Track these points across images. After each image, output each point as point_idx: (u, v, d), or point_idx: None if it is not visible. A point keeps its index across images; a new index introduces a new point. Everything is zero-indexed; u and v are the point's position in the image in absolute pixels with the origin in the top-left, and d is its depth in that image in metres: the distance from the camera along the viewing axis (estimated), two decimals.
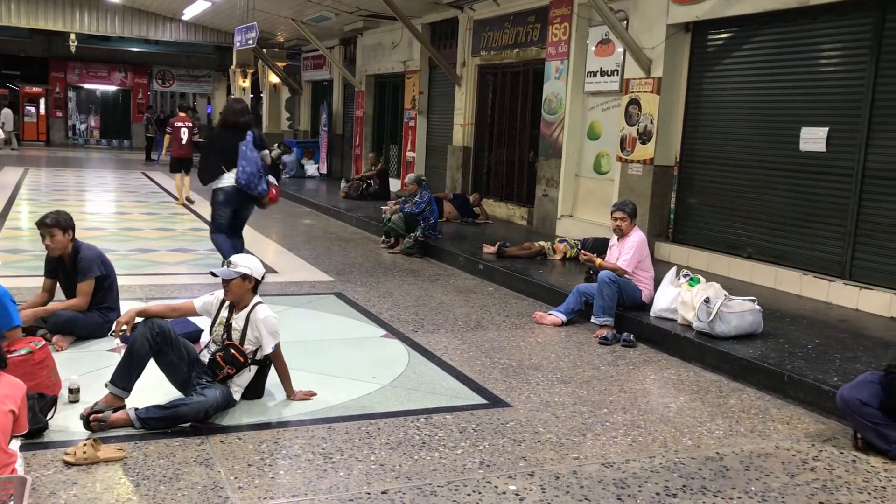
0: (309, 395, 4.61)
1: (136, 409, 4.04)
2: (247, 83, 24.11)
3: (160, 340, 4.23)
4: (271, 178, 7.61)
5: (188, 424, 4.08)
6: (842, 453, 4.24)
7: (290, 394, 4.58)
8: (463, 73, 13.63)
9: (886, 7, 6.91)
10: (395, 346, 5.89)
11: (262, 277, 4.57)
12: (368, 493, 3.50)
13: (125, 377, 4.17)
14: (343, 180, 16.04)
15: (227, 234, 7.61)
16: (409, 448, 4.01)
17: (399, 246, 9.96)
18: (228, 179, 7.44)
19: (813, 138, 7.52)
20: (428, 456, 3.93)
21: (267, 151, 7.64)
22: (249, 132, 7.44)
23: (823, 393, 4.82)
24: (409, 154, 15.91)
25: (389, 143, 17.85)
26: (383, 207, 11.15)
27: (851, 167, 7.20)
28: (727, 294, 5.99)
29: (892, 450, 4.11)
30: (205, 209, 12.80)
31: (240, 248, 7.57)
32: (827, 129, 7.40)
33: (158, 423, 4.02)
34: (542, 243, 9.21)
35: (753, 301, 6.00)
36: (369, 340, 6.05)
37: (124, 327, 4.36)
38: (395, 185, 15.71)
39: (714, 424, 4.59)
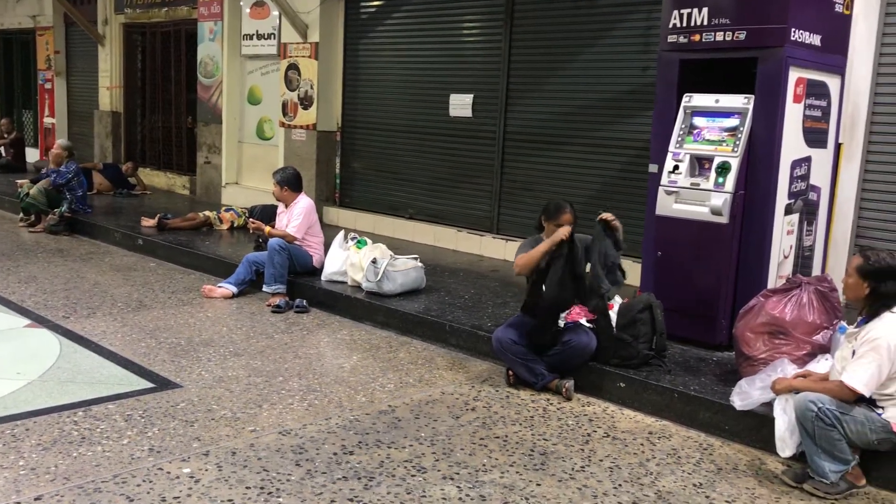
0: None
1: None
2: None
3: None
4: None
5: None
6: (497, 391, 4.67)
7: None
8: (106, 31, 12.49)
9: None
10: (42, 335, 5.30)
11: None
12: (18, 503, 3.10)
13: None
14: None
15: None
16: (65, 446, 3.63)
17: (42, 223, 8.94)
18: None
19: (460, 104, 8.10)
20: (89, 451, 3.59)
21: None
22: None
23: (480, 338, 5.27)
24: (48, 120, 14.30)
25: (22, 108, 15.88)
26: (19, 181, 9.87)
27: (494, 131, 7.90)
28: (392, 254, 6.29)
29: (539, 381, 4.62)
30: None
31: None
32: (472, 95, 8.02)
33: None
34: (207, 213, 8.84)
35: (416, 259, 6.37)
36: (10, 332, 5.37)
37: None
38: (32, 154, 14.02)
39: (386, 379, 4.79)
